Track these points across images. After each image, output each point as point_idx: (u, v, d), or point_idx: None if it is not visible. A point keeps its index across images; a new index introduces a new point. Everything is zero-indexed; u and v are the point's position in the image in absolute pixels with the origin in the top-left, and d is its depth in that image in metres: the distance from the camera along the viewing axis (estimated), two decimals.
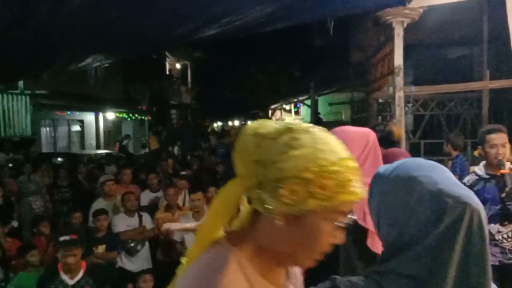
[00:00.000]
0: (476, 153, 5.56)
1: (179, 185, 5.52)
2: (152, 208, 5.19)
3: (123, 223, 4.55)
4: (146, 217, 4.74)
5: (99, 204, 4.97)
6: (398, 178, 0.98)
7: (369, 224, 2.04)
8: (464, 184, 3.19)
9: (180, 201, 5.45)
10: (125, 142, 14.99)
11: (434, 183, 0.92)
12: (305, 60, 21.10)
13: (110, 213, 4.78)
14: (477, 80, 7.54)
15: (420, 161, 1.03)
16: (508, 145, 3.04)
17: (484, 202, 2.98)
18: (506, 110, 8.20)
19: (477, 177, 3.12)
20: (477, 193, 2.95)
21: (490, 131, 3.11)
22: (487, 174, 3.12)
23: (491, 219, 3.02)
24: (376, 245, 2.07)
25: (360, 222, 2.01)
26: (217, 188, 5.02)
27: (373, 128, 3.12)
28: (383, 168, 1.05)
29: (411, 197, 0.94)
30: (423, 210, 0.92)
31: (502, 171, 2.95)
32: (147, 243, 4.68)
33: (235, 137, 2.98)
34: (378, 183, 1.03)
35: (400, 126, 4.91)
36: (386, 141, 2.88)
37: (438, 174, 0.96)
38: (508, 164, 3.05)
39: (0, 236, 4.37)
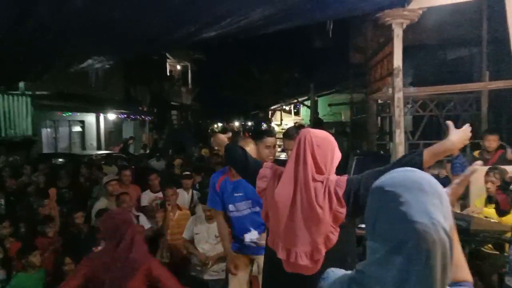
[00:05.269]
0: (476, 153, 5.58)
1: (184, 184, 5.60)
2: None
3: None
4: (142, 217, 4.76)
5: (101, 203, 4.99)
6: (375, 189, 1.05)
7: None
8: None
9: (186, 200, 5.49)
10: (130, 142, 15.16)
11: (398, 203, 0.96)
12: (305, 61, 21.14)
13: None
14: (476, 81, 7.56)
15: (404, 175, 1.03)
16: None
17: None
18: (505, 111, 8.23)
19: None
20: None
21: None
22: None
23: None
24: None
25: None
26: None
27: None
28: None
29: (378, 210, 1.01)
30: (383, 226, 0.99)
31: None
32: None
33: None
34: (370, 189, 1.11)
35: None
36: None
37: (408, 194, 0.97)
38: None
39: (4, 237, 4.38)
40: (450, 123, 2.04)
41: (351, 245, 2.15)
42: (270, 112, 28.44)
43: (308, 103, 19.45)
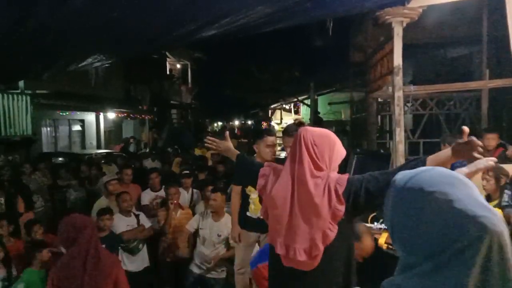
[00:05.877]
0: None
1: (184, 183, 5.62)
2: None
3: (123, 223, 4.58)
4: (142, 216, 4.77)
5: (101, 203, 4.99)
6: (411, 191, 0.94)
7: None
8: None
9: (186, 199, 5.50)
10: (131, 141, 15.19)
11: (449, 201, 0.87)
12: (305, 60, 21.16)
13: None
14: (476, 80, 7.55)
15: (439, 173, 0.95)
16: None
17: None
18: (505, 110, 8.23)
19: None
20: None
21: None
22: None
23: None
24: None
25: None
26: (216, 187, 5.04)
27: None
28: (400, 175, 1.00)
29: (423, 213, 0.90)
30: (435, 228, 0.88)
31: None
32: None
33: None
34: (392, 191, 0.99)
35: None
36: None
37: (456, 190, 0.89)
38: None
39: (4, 236, 4.37)
40: (466, 129, 1.91)
41: (349, 242, 2.16)
42: (270, 111, 28.44)
43: (308, 101, 19.44)
